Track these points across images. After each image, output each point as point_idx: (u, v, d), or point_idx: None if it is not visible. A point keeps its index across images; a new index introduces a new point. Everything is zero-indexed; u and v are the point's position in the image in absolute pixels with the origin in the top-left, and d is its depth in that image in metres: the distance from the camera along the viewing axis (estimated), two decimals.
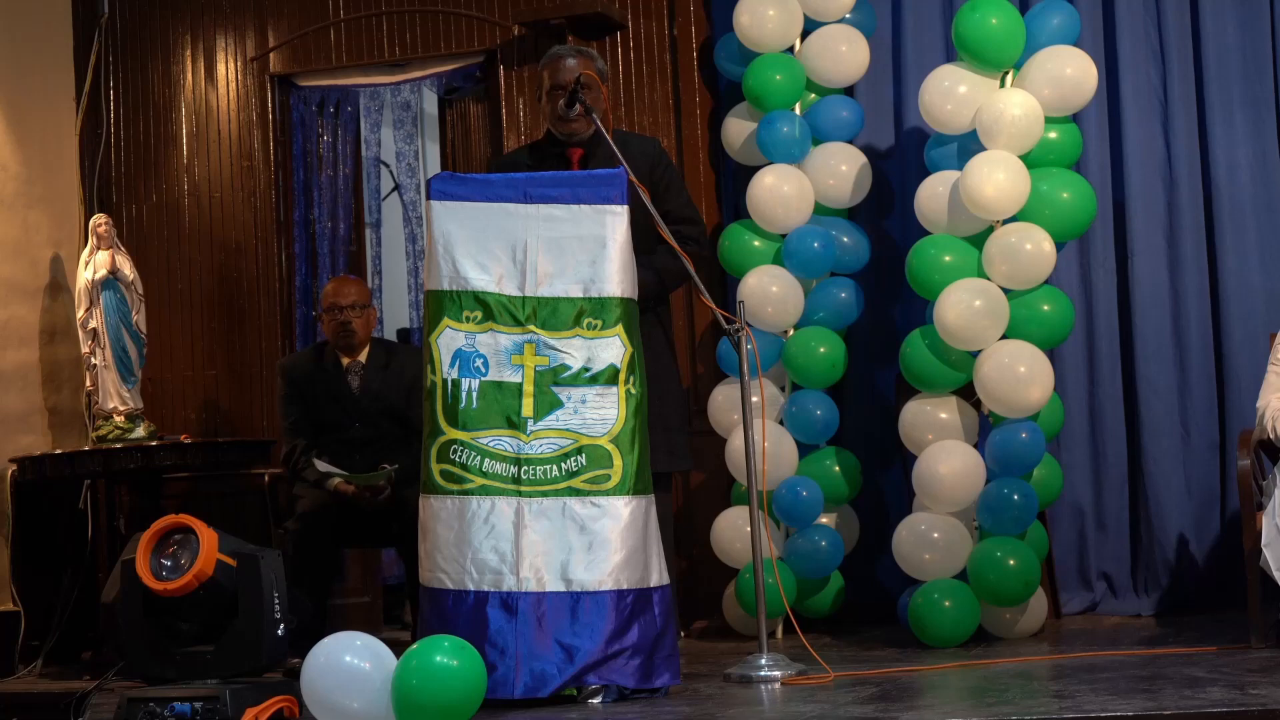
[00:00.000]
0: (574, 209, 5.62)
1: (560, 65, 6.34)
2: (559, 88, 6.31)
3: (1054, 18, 7.05)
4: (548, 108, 6.38)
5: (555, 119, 6.36)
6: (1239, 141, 7.42)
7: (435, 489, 5.50)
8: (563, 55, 6.39)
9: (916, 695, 5.36)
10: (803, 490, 7.16)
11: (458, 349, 5.55)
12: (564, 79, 6.30)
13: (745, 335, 5.95)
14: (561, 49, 6.52)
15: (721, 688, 5.65)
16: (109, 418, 7.99)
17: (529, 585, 5.40)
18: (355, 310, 7.39)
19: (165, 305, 8.68)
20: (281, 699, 5.28)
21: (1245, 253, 7.40)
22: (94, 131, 8.87)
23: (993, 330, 6.83)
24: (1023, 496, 6.73)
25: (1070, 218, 6.96)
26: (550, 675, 5.33)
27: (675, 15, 8.16)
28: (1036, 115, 6.87)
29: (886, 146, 7.84)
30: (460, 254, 5.57)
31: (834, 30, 7.54)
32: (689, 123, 8.11)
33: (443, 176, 5.65)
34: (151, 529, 5.47)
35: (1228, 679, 5.08)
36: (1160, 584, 7.40)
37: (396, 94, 8.76)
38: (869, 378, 7.75)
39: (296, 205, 8.70)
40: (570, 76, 6.29)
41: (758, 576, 5.92)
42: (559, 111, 6.32)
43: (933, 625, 6.66)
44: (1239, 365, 7.32)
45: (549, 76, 6.36)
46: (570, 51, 6.45)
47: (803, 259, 7.32)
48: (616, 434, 5.52)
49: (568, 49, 6.53)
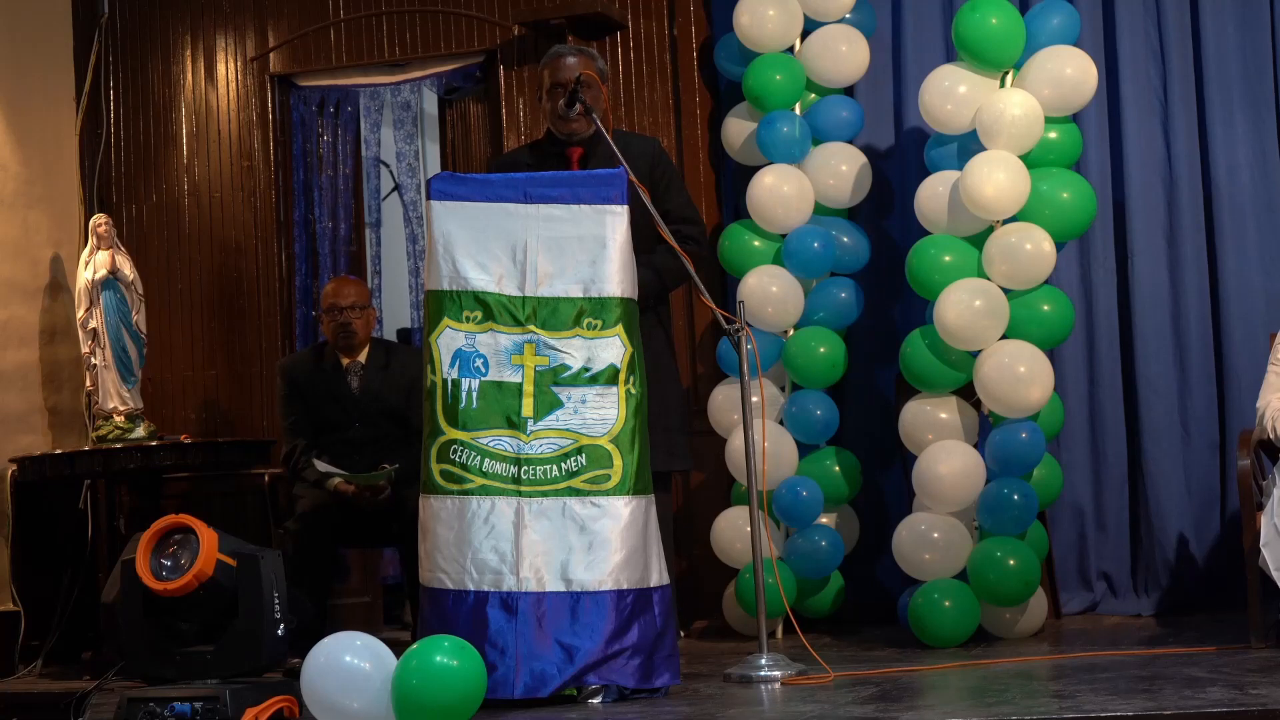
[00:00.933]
0: (574, 209, 5.62)
1: (560, 64, 6.34)
2: (559, 86, 6.31)
3: (1054, 18, 7.05)
4: (548, 106, 6.38)
5: (555, 118, 6.36)
6: (1239, 141, 7.42)
7: (435, 489, 5.50)
8: (563, 54, 6.39)
9: (916, 695, 5.36)
10: (803, 490, 7.16)
11: (458, 349, 5.55)
12: (564, 78, 6.30)
13: (745, 335, 5.95)
14: (562, 48, 6.52)
15: (722, 688, 5.65)
16: (109, 418, 7.99)
17: (529, 585, 5.40)
18: (355, 311, 7.39)
19: (165, 305, 8.68)
20: (281, 699, 5.28)
21: (1245, 253, 7.40)
22: (94, 131, 8.87)
23: (993, 330, 6.83)
24: (1023, 496, 6.73)
25: (1070, 218, 6.96)
26: (550, 675, 5.33)
27: (675, 15, 8.16)
28: (1036, 115, 6.88)
29: (886, 146, 7.84)
30: (460, 254, 5.57)
31: (834, 30, 7.54)
32: (689, 123, 8.12)
33: (443, 176, 5.64)
34: (151, 529, 5.47)
35: (1227, 679, 5.08)
36: (1160, 584, 7.40)
37: (396, 94, 8.76)
38: (869, 378, 7.75)
39: (296, 205, 8.70)
40: (570, 75, 6.29)
41: (758, 577, 5.92)
42: (559, 111, 6.32)
43: (933, 625, 6.66)
44: (1239, 365, 7.32)
45: (549, 75, 6.36)
46: (571, 51, 6.45)
47: (803, 259, 7.32)
48: (616, 434, 5.52)
49: (568, 48, 6.53)
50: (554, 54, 6.42)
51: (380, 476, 7.04)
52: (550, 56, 6.42)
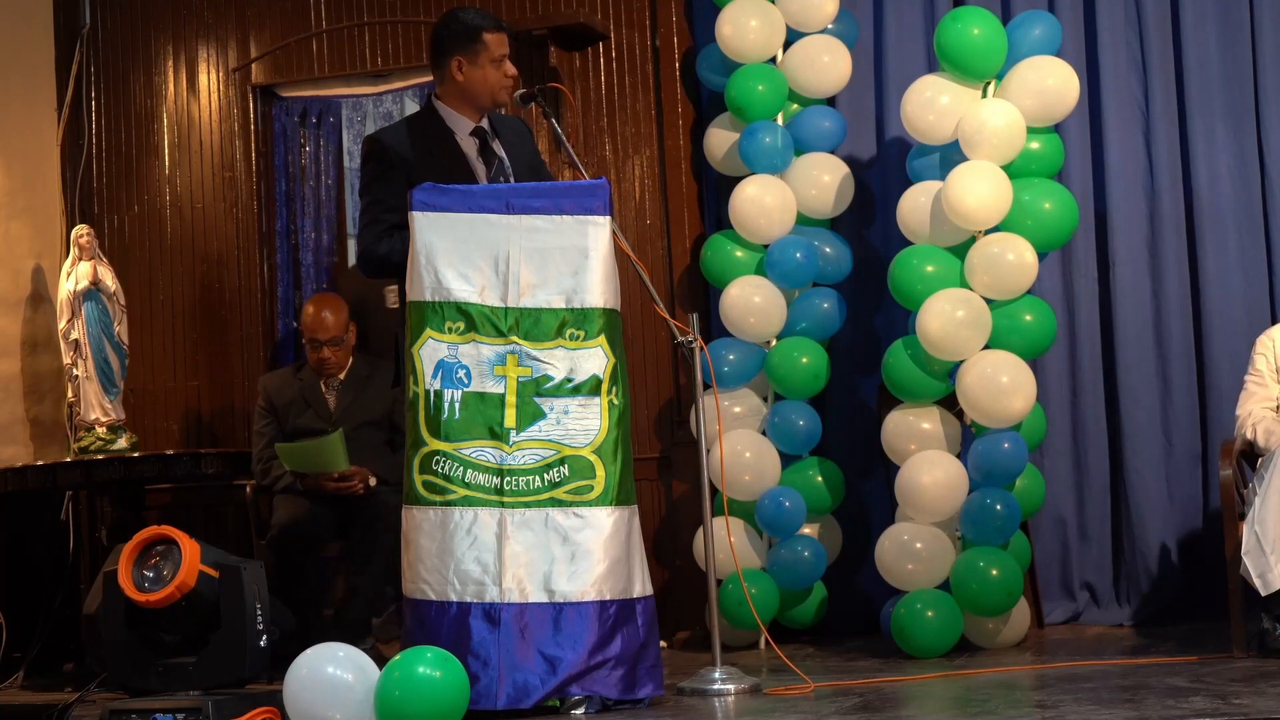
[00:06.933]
0: (556, 219, 5.61)
1: (507, 39, 6.09)
2: (507, 60, 6.04)
3: (1035, 28, 7.07)
4: (491, 74, 6.02)
5: (498, 89, 6.05)
6: (1220, 151, 7.44)
7: (418, 500, 5.49)
8: (506, 30, 6.12)
9: (899, 705, 5.36)
10: (785, 500, 7.17)
11: (440, 360, 5.54)
12: (510, 54, 6.08)
13: (699, 347, 5.91)
14: (500, 20, 6.18)
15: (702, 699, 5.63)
16: (91, 429, 7.98)
17: (512, 596, 5.39)
18: (333, 344, 7.46)
19: (147, 316, 8.67)
20: (264, 710, 5.27)
21: (1226, 262, 7.42)
22: (75, 142, 8.85)
23: (975, 340, 6.84)
24: (1005, 506, 6.74)
25: (1052, 228, 6.98)
26: (533, 686, 5.32)
27: (657, 26, 8.16)
28: (1018, 126, 6.89)
29: (869, 157, 7.85)
30: (443, 265, 5.55)
31: (816, 41, 7.54)
32: (671, 133, 8.12)
33: (425, 187, 5.62)
34: (133, 540, 5.47)
35: (1210, 688, 5.08)
36: (1142, 593, 7.41)
37: (379, 105, 8.76)
38: (851, 388, 7.75)
39: (279, 216, 8.69)
40: (510, 54, 6.11)
41: (710, 588, 5.88)
42: (507, 90, 6.04)
43: (915, 635, 6.67)
44: (1220, 375, 7.34)
45: (497, 46, 6.04)
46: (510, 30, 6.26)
47: (785, 269, 7.32)
48: (599, 445, 5.51)
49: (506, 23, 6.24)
50: (498, 24, 6.08)
51: (330, 443, 7.07)
52: (494, 25, 6.06)
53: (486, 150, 6.06)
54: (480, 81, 6.03)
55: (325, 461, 7.18)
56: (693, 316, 5.93)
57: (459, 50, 6.01)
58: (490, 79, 6.03)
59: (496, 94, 6.06)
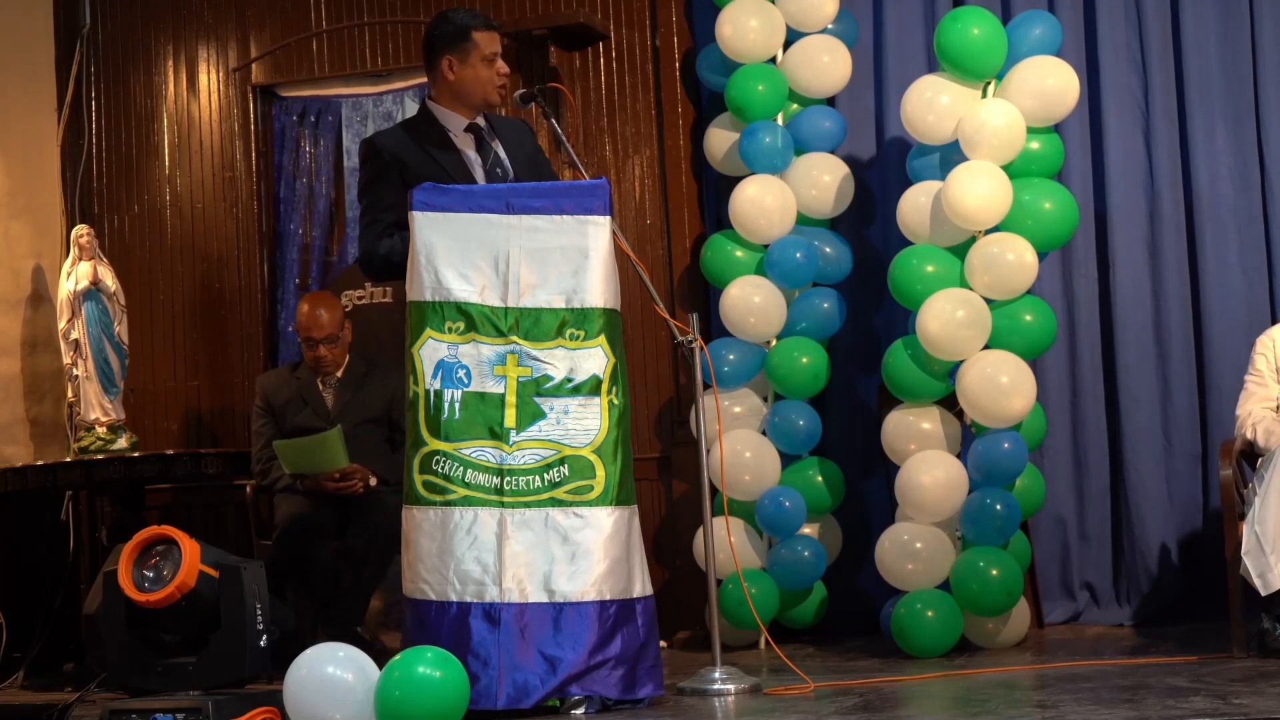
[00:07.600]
0: (557, 219, 5.60)
1: (498, 38, 6.10)
2: (499, 58, 6.04)
3: (1035, 28, 7.06)
4: (482, 72, 6.03)
5: (492, 87, 6.04)
6: (1220, 152, 7.44)
7: (418, 500, 5.48)
8: (496, 28, 6.13)
9: (899, 705, 5.35)
10: (785, 500, 7.17)
11: (440, 360, 5.54)
12: (502, 53, 6.07)
13: (699, 347, 5.91)
14: (490, 19, 6.17)
15: (702, 699, 5.63)
16: (91, 429, 7.98)
17: (512, 596, 5.39)
18: (328, 342, 7.45)
19: (147, 316, 8.67)
20: (264, 710, 5.27)
21: (1226, 262, 7.42)
22: (76, 142, 8.86)
23: (975, 340, 6.84)
24: (1005, 506, 6.74)
25: (1052, 228, 6.98)
26: (533, 686, 5.31)
27: (658, 26, 8.16)
28: (1018, 125, 6.89)
29: (868, 157, 7.85)
30: (443, 265, 5.55)
31: (816, 41, 7.54)
32: (671, 133, 8.12)
33: (425, 187, 5.61)
34: (134, 540, 5.46)
35: (1210, 688, 5.08)
36: (1142, 593, 7.41)
37: (379, 104, 8.75)
38: (851, 388, 7.75)
39: (278, 216, 8.69)
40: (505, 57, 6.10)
41: (710, 588, 5.88)
42: (499, 89, 6.04)
43: (915, 635, 6.67)
44: (1220, 375, 7.34)
45: (487, 43, 6.04)
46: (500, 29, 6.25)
47: (785, 269, 7.32)
48: (599, 444, 5.51)
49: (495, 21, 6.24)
50: (488, 23, 6.09)
51: (328, 438, 7.07)
52: (484, 24, 6.06)
53: (482, 145, 6.06)
54: (472, 80, 6.03)
55: (324, 458, 7.17)
56: (693, 316, 5.92)
57: (450, 50, 6.02)
58: (482, 77, 6.03)
59: (489, 92, 6.05)
